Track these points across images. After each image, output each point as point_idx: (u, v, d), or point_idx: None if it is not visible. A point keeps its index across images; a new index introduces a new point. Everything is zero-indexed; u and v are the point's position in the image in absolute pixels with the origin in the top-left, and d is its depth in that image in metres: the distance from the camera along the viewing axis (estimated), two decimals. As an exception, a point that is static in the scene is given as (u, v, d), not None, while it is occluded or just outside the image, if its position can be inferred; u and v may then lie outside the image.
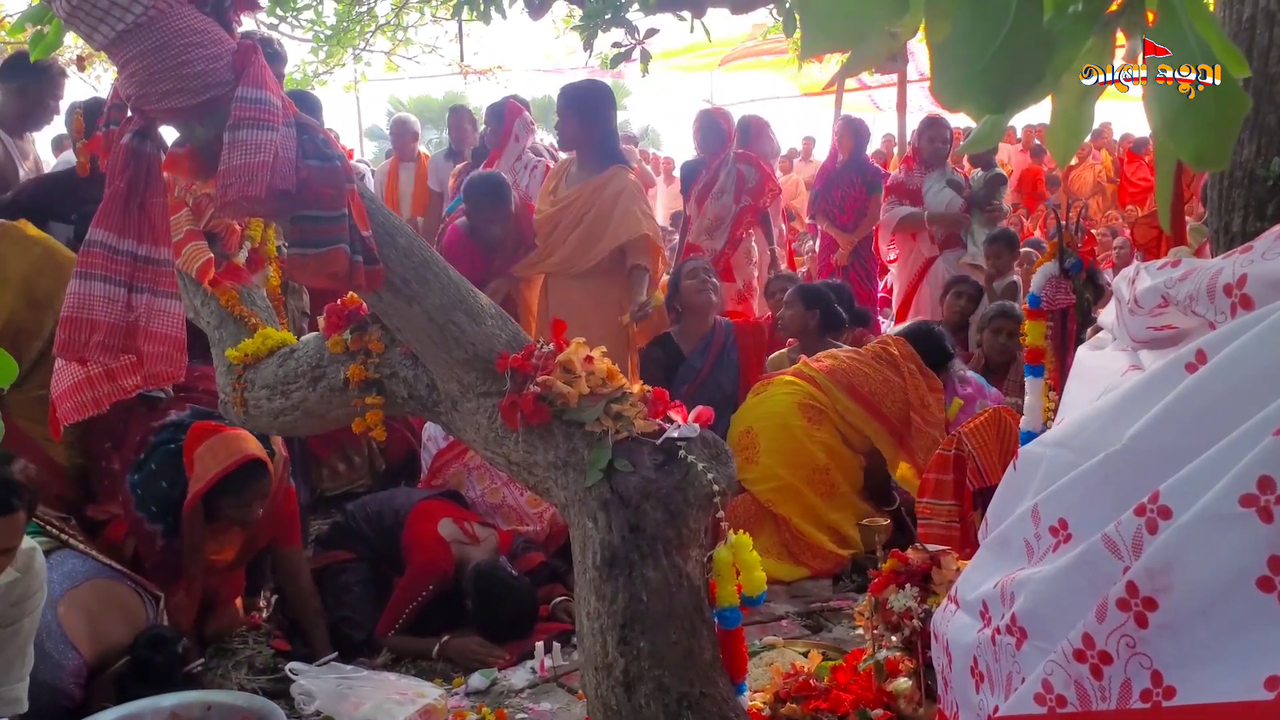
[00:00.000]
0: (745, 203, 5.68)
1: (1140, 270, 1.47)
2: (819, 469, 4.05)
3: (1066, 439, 1.34)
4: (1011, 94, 0.70)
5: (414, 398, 2.45)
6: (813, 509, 4.00)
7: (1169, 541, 1.07)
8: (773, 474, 4.02)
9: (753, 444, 4.08)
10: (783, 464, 4.02)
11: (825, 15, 0.70)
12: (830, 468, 4.06)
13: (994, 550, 1.40)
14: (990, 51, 0.68)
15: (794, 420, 4.06)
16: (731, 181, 5.66)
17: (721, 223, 5.63)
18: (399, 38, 9.04)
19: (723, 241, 5.63)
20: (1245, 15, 2.34)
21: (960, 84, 0.70)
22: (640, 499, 2.12)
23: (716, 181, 5.67)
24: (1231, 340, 1.12)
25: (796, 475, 4.02)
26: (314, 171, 2.05)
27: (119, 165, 2.12)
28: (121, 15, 1.99)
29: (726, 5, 5.36)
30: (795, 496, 4.00)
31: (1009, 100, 0.71)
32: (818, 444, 4.06)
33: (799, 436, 4.04)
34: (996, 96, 0.70)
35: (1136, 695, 1.08)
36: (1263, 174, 2.20)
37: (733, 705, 2.13)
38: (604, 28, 5.34)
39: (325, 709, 2.84)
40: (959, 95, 0.71)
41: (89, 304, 2.08)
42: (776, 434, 4.04)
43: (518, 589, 3.42)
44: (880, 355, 4.21)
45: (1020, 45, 0.68)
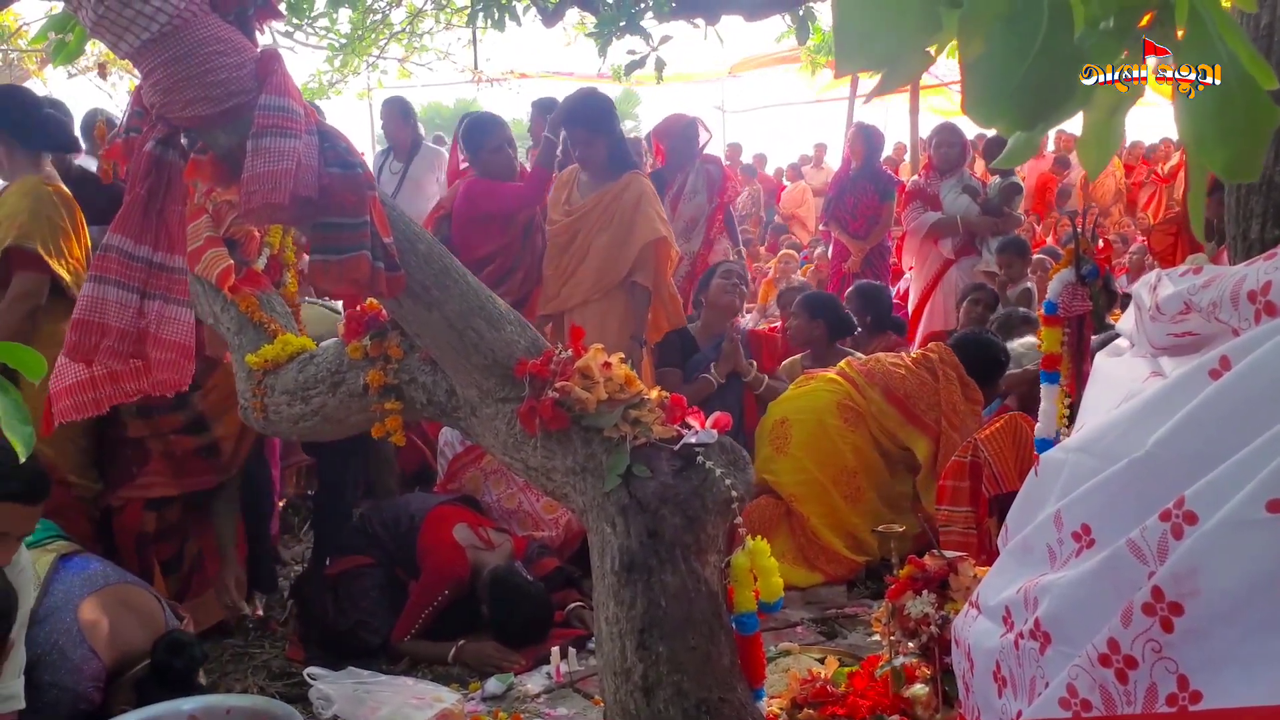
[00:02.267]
0: (715, 202, 5.73)
1: (1162, 277, 1.48)
2: (847, 471, 4.07)
3: (1088, 445, 1.35)
4: (1042, 111, 0.71)
5: (433, 403, 2.47)
6: (835, 509, 4.02)
7: (1194, 547, 1.08)
8: (802, 467, 4.04)
9: (786, 435, 4.10)
10: (813, 460, 4.04)
11: (862, 35, 0.70)
12: (858, 472, 4.08)
13: (1016, 556, 1.40)
14: (1022, 70, 0.69)
15: (831, 419, 4.08)
16: (702, 182, 5.69)
17: (696, 224, 5.65)
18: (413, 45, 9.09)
19: (698, 242, 5.65)
20: (1264, 22, 2.34)
21: (993, 102, 0.70)
22: (658, 504, 2.13)
23: (688, 184, 5.69)
24: (1256, 347, 1.13)
25: (825, 473, 4.04)
26: (336, 178, 2.07)
27: (140, 172, 2.14)
28: (147, 24, 2.01)
29: (740, 12, 5.39)
30: (820, 494, 4.02)
31: (1040, 118, 0.72)
32: (849, 446, 4.08)
33: (833, 436, 4.07)
34: (1028, 114, 0.71)
35: (1162, 699, 1.08)
36: (1281, 181, 2.21)
37: (751, 711, 2.14)
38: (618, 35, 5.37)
39: (342, 713, 2.86)
40: (991, 114, 0.72)
41: (102, 308, 2.10)
42: (812, 429, 4.06)
43: (533, 594, 3.43)
44: (919, 360, 4.23)
45: (1052, 63, 0.69)
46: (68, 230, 3.44)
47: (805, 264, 10.06)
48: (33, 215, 3.38)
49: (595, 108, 4.54)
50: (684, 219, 5.69)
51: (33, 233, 3.35)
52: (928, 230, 6.09)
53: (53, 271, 3.36)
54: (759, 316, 8.09)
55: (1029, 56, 0.69)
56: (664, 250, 4.47)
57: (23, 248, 3.33)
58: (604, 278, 4.44)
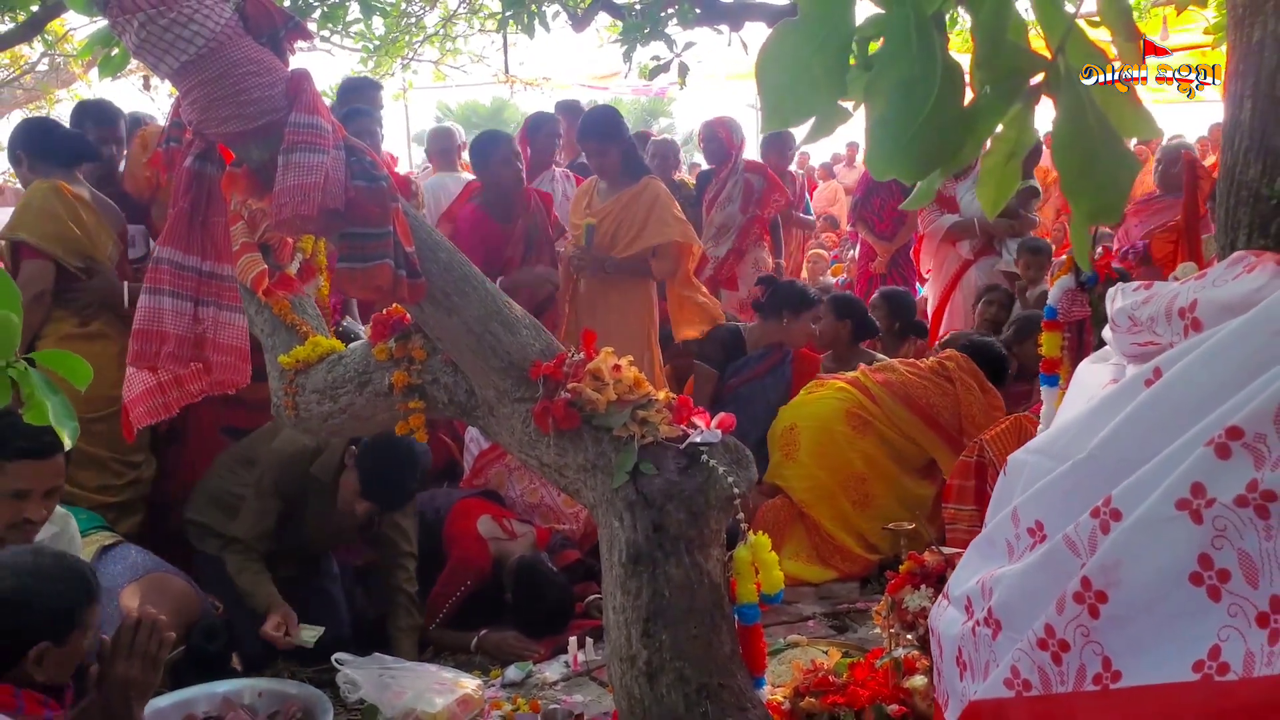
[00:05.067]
0: (752, 212, 5.79)
1: (1117, 291, 1.58)
2: (855, 477, 4.14)
3: (1045, 447, 1.45)
4: (933, 162, 0.82)
5: (453, 402, 2.59)
6: (845, 514, 4.10)
7: (1117, 541, 1.18)
8: (810, 474, 4.12)
9: (794, 441, 4.19)
10: (821, 466, 4.12)
11: (779, 97, 0.82)
12: (868, 478, 4.15)
13: (980, 550, 1.51)
14: (914, 128, 0.80)
15: (838, 426, 4.16)
16: (738, 190, 5.78)
17: (726, 231, 5.74)
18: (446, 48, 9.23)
19: (725, 249, 5.75)
20: (1254, 39, 2.41)
21: (890, 156, 0.81)
22: (664, 500, 2.25)
23: (724, 190, 5.80)
24: (1180, 359, 1.23)
25: (833, 479, 4.12)
26: (361, 191, 2.19)
27: (182, 187, 2.28)
28: (185, 47, 2.14)
29: (763, 19, 5.48)
30: (829, 499, 4.10)
31: (931, 167, 0.83)
32: (858, 453, 4.15)
33: (840, 443, 4.14)
34: (921, 165, 0.82)
35: (1090, 679, 1.19)
36: (1267, 193, 2.27)
37: (750, 697, 2.24)
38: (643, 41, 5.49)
39: (369, 697, 2.98)
40: (889, 165, 0.83)
41: (159, 317, 2.23)
42: (819, 436, 4.15)
43: (556, 583, 3.55)
44: (936, 369, 4.30)
45: (942, 121, 0.79)
46: (63, 218, 3.66)
47: (835, 263, 10.12)
48: (24, 208, 3.67)
49: (604, 120, 4.81)
50: (714, 225, 5.81)
51: (19, 225, 3.63)
52: (945, 233, 6.15)
53: (49, 255, 3.56)
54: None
55: (922, 115, 0.79)
56: (678, 250, 4.65)
57: (13, 239, 3.62)
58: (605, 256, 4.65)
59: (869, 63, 0.81)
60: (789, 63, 0.79)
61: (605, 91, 13.01)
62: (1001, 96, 0.83)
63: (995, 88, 0.82)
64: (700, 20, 5.43)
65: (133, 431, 2.47)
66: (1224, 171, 2.12)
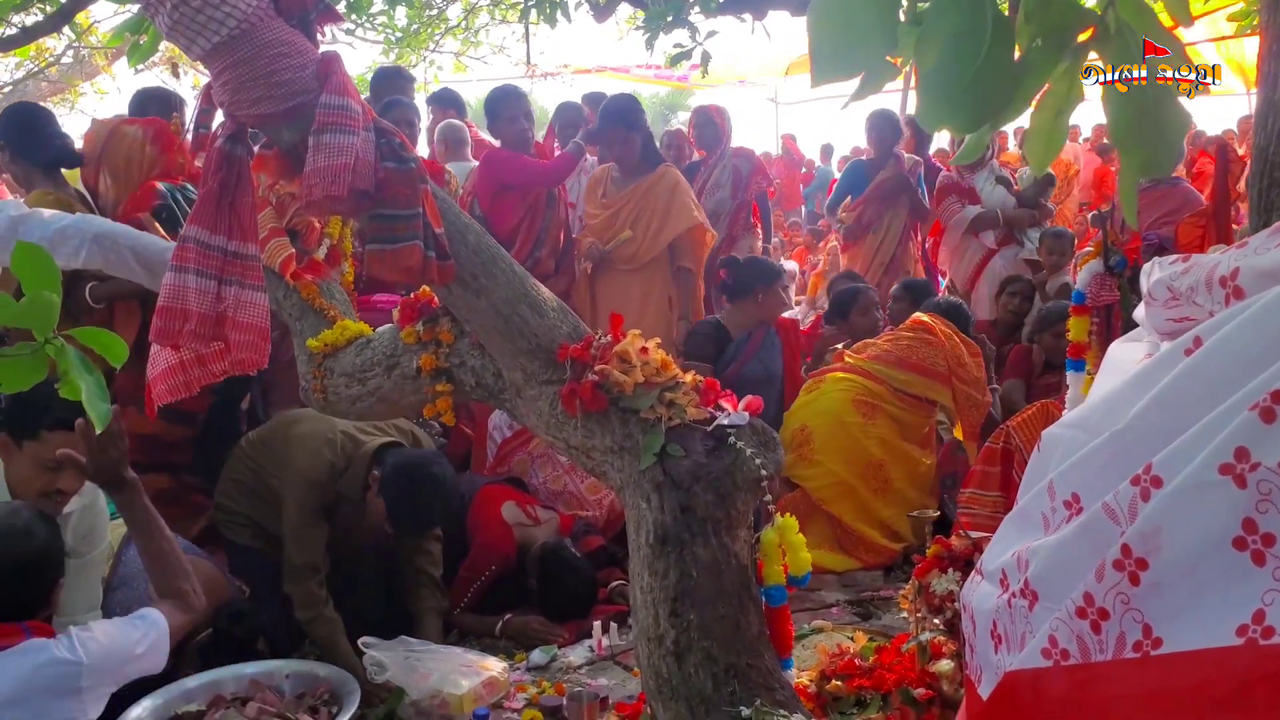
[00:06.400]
0: (741, 197, 5.78)
1: (1154, 264, 1.57)
2: (873, 464, 4.14)
3: (1080, 421, 1.45)
4: (983, 115, 0.82)
5: (481, 385, 2.60)
6: (865, 506, 4.10)
7: (1158, 507, 1.18)
8: (828, 471, 4.11)
9: (808, 440, 4.18)
10: (839, 461, 4.12)
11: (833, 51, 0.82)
12: (885, 462, 4.15)
13: (1015, 524, 1.51)
14: (966, 80, 0.80)
15: (849, 416, 4.16)
16: (727, 176, 5.76)
17: (718, 218, 5.70)
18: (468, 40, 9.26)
19: (720, 237, 5.72)
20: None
21: (943, 107, 0.81)
22: (691, 482, 2.25)
23: (712, 177, 5.78)
24: (1222, 326, 1.22)
25: (852, 472, 4.11)
26: (391, 173, 2.20)
27: (212, 167, 2.29)
28: (217, 29, 2.16)
29: (787, 8, 5.46)
30: (849, 493, 4.10)
31: (981, 121, 0.83)
32: (873, 439, 4.16)
33: (854, 433, 4.14)
34: (973, 117, 0.82)
35: (1130, 646, 1.19)
36: (1301, 174, 2.26)
37: (778, 677, 2.25)
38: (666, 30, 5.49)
39: (395, 679, 3.00)
40: (941, 117, 0.83)
41: (183, 295, 2.25)
42: (832, 431, 4.14)
43: (580, 568, 3.57)
44: (914, 328, 4.37)
45: (994, 74, 0.79)
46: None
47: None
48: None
49: (627, 107, 4.87)
50: (705, 212, 5.78)
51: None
52: (969, 225, 6.12)
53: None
54: (808, 309, 8.15)
55: (974, 68, 0.79)
56: (700, 235, 4.69)
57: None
58: (634, 259, 4.70)
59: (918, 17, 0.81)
60: (840, 15, 0.79)
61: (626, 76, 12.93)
62: (1051, 51, 0.83)
63: (1045, 41, 0.82)
64: (723, 9, 5.42)
65: (155, 410, 2.49)
66: (1257, 153, 2.10)
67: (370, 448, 3.33)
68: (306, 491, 3.27)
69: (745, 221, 5.83)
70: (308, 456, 3.32)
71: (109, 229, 3.27)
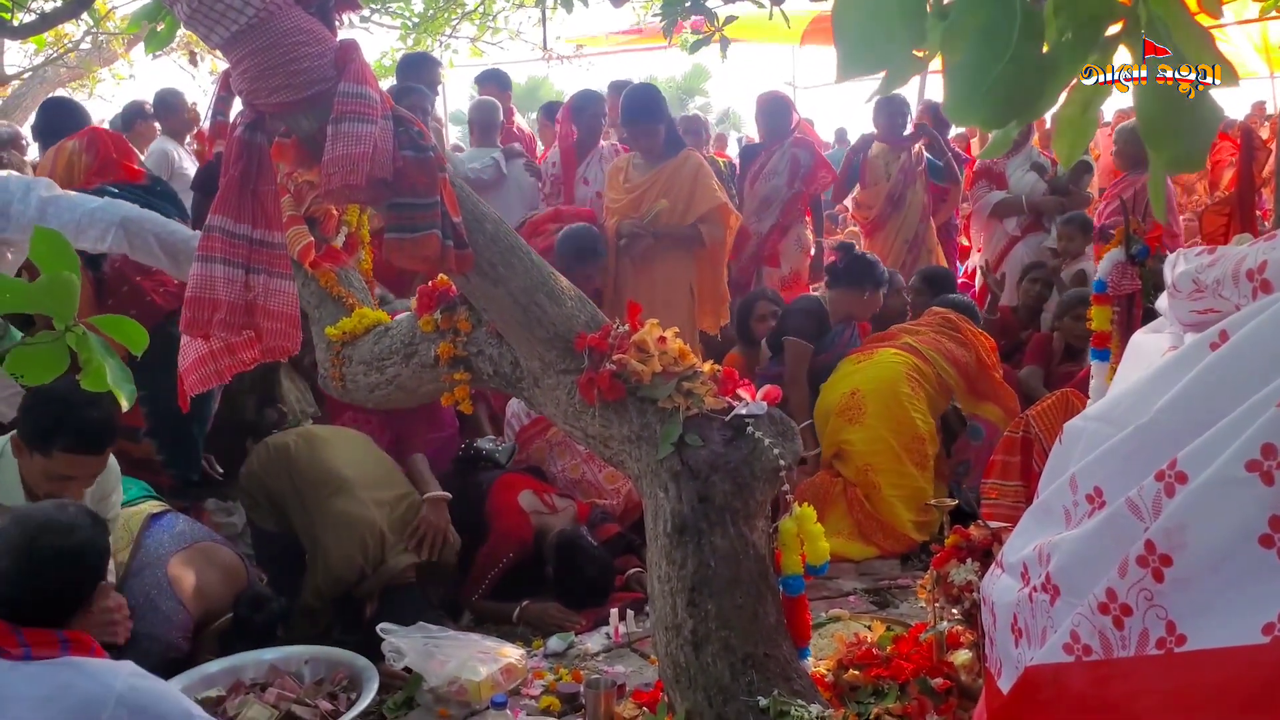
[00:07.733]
0: (798, 188, 5.73)
1: (1179, 256, 1.56)
2: (917, 438, 4.19)
3: (1104, 414, 1.44)
4: (1011, 111, 0.81)
5: (498, 374, 2.60)
6: (907, 475, 4.14)
7: (1183, 503, 1.17)
8: (878, 436, 4.15)
9: (859, 405, 4.21)
10: (888, 428, 4.17)
11: (857, 43, 0.81)
12: (925, 438, 4.20)
13: (1036, 517, 1.50)
14: (994, 74, 0.79)
15: (903, 388, 4.22)
16: (785, 164, 5.70)
17: (770, 205, 5.65)
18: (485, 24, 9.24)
19: (769, 224, 5.66)
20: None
21: (969, 102, 0.80)
22: (709, 471, 2.25)
23: (769, 163, 5.74)
24: (1249, 320, 1.21)
25: (899, 440, 4.17)
26: (409, 162, 2.20)
27: (233, 156, 2.30)
28: (236, 17, 2.16)
29: (805, -8, 5.42)
30: (895, 461, 4.15)
31: (1010, 116, 0.81)
32: (920, 414, 4.23)
33: (905, 404, 4.20)
34: (1000, 113, 0.80)
35: (1153, 643, 1.18)
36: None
37: (795, 667, 2.25)
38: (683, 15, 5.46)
39: (414, 665, 3.01)
40: (968, 112, 0.82)
41: (211, 284, 2.25)
42: (886, 399, 4.19)
43: (597, 556, 3.57)
44: (942, 325, 4.48)
45: (1021, 68, 0.78)
46: None
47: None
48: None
49: (649, 99, 4.88)
50: (758, 198, 5.72)
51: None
52: (992, 209, 6.08)
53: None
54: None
55: (1002, 62, 0.78)
56: (726, 214, 4.73)
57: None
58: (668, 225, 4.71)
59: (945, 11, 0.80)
60: (866, 8, 0.79)
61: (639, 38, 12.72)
62: (1080, 44, 0.82)
63: (1074, 34, 0.81)
64: (740, -8, 5.38)
65: (188, 402, 2.50)
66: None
67: (395, 568, 3.35)
68: (330, 580, 3.29)
69: (798, 212, 5.78)
70: (340, 558, 3.28)
71: (136, 214, 3.29)
